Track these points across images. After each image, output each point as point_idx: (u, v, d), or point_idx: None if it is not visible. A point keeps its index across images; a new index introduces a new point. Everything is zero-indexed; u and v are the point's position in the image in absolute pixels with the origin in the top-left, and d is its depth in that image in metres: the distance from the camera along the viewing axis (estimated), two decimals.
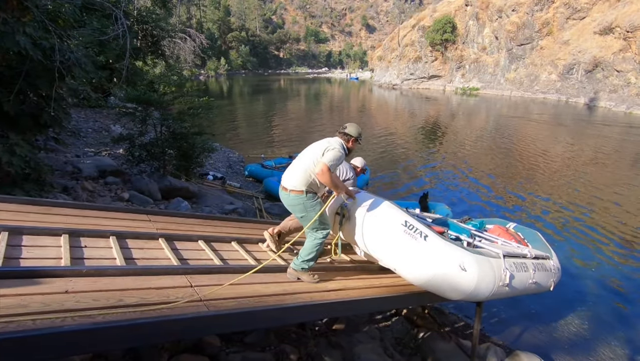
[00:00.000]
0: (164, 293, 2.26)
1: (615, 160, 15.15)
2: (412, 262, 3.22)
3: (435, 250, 3.16)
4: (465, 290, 3.25)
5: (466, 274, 3.17)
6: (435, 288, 3.32)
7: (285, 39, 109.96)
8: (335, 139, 3.39)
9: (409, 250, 3.20)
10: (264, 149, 16.02)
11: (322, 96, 46.21)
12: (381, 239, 3.35)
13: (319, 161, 3.05)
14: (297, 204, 3.13)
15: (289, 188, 3.16)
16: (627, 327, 5.73)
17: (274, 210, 9.52)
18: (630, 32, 27.89)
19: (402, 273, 3.43)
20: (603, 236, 8.49)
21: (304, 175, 3.12)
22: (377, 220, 3.37)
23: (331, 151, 3.10)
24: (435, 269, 3.15)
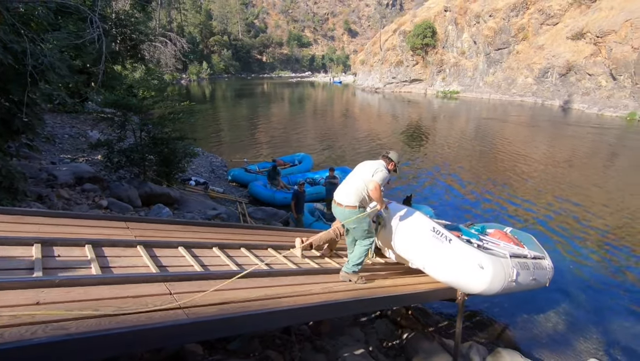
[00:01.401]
0: (142, 301, 2.21)
1: (589, 161, 15.72)
2: (440, 262, 3.86)
3: (458, 252, 3.79)
4: (483, 285, 3.83)
5: (484, 271, 3.75)
6: (458, 284, 3.98)
7: (268, 43, 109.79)
8: (380, 161, 3.95)
9: (437, 252, 3.82)
10: (247, 153, 15.91)
11: (306, 99, 46.32)
12: (413, 243, 3.97)
13: (371, 180, 3.67)
14: (349, 216, 3.68)
15: (344, 204, 3.70)
16: (602, 320, 5.92)
17: (258, 215, 9.46)
18: (600, 37, 29.10)
19: (430, 271, 4.04)
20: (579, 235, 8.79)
21: (357, 193, 3.68)
22: (410, 227, 4.00)
23: (380, 172, 3.73)
24: (458, 267, 3.79)
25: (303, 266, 3.72)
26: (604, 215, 9.77)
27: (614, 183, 12.56)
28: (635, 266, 7.39)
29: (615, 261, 7.62)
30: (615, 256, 7.80)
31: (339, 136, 21.17)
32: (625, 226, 9.13)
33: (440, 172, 13.64)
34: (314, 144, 18.84)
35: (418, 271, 4.87)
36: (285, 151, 16.08)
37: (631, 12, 27.54)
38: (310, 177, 11.63)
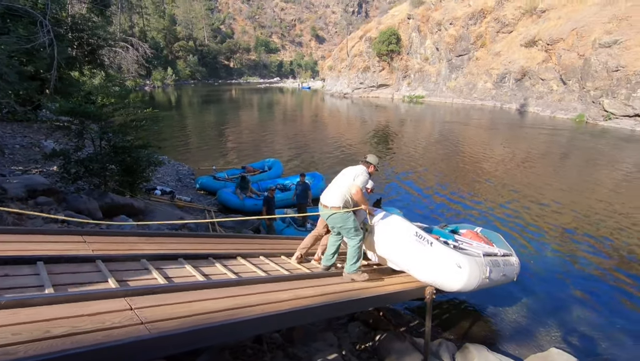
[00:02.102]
0: (99, 319, 2.09)
1: (543, 161, 16.68)
2: (423, 264, 4.19)
3: (439, 254, 4.15)
4: (461, 283, 4.17)
5: (461, 271, 4.11)
6: (439, 283, 4.29)
7: (235, 49, 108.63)
8: (360, 166, 4.24)
9: (420, 255, 4.14)
10: (215, 160, 15.60)
11: (275, 105, 46.16)
12: (397, 246, 4.25)
13: (353, 184, 4.00)
14: (337, 218, 4.03)
15: (329, 206, 4.06)
16: (561, 311, 6.27)
17: (227, 223, 9.27)
18: (550, 45, 31.14)
19: (413, 272, 4.38)
20: (538, 231, 9.28)
21: (341, 196, 4.04)
22: (394, 232, 4.26)
23: (360, 176, 4.06)
24: (440, 268, 4.13)
25: (273, 274, 3.68)
26: (559, 212, 10.39)
27: (565, 181, 13.39)
28: (588, 258, 7.89)
29: (569, 254, 8.11)
30: (569, 249, 8.30)
31: (310, 141, 21.24)
32: (577, 221, 9.76)
33: (408, 175, 13.99)
34: (284, 149, 18.79)
35: (390, 272, 4.96)
36: (255, 157, 15.91)
37: (576, 22, 29.70)
38: (281, 183, 11.57)
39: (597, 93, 26.22)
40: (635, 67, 23.66)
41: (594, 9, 29.53)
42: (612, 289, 6.81)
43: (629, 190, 12.22)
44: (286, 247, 5.15)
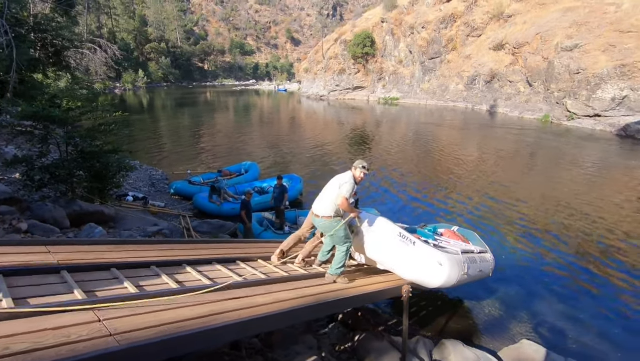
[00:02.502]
0: (64, 332, 1.99)
1: (512, 160, 17.35)
2: (406, 262, 4.41)
3: (421, 252, 4.37)
4: (442, 280, 4.38)
5: (442, 268, 4.32)
6: (421, 280, 4.49)
7: (209, 51, 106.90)
8: (347, 173, 4.33)
9: (403, 254, 4.37)
10: (190, 165, 15.25)
11: (251, 107, 45.74)
12: (383, 247, 4.47)
13: (339, 194, 4.14)
14: (327, 225, 4.23)
15: (320, 215, 4.25)
16: (531, 304, 6.52)
17: (203, 228, 9.08)
18: (517, 48, 32.49)
19: (398, 271, 4.60)
20: (508, 228, 9.62)
21: (331, 205, 4.20)
22: (379, 233, 4.48)
23: (345, 185, 4.16)
24: (422, 266, 4.35)
25: (249, 278, 3.63)
26: (527, 209, 10.82)
27: (533, 179, 13.98)
28: (554, 253, 8.26)
29: (538, 249, 8.45)
30: (538, 244, 8.65)
31: (287, 144, 21.17)
32: (544, 217, 10.19)
33: (385, 176, 14.18)
34: (261, 152, 18.63)
35: (368, 273, 5.01)
36: (232, 161, 15.70)
37: (540, 27, 31.13)
38: (258, 186, 11.46)
39: (561, 94, 27.54)
40: (594, 69, 25.02)
41: (556, 15, 31.03)
42: (577, 282, 7.15)
43: (590, 187, 12.88)
44: (264, 251, 5.10)
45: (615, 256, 7.97)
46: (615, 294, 6.68)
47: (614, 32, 25.63)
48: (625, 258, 7.88)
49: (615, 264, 7.67)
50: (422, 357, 4.83)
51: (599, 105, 24.47)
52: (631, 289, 6.83)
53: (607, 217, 9.96)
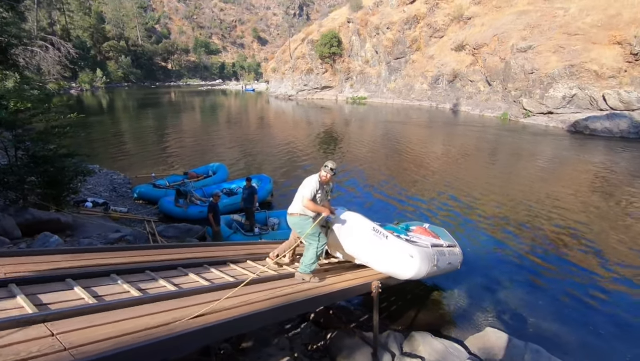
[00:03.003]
0: (12, 350, 1.85)
1: (475, 156, 18.11)
2: (380, 256, 4.60)
3: (394, 245, 4.59)
4: (413, 271, 4.58)
5: (413, 260, 4.55)
6: (394, 272, 4.69)
7: (172, 50, 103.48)
8: (311, 176, 4.50)
9: (377, 248, 4.56)
10: (155, 167, 14.72)
11: (219, 108, 44.76)
12: (358, 241, 4.64)
13: (302, 195, 4.36)
14: (295, 223, 4.50)
15: (290, 212, 4.54)
16: (495, 293, 6.83)
17: (170, 232, 8.78)
18: (476, 49, 33.94)
19: (373, 264, 4.78)
20: (473, 222, 10.03)
21: (298, 204, 4.44)
22: (354, 228, 4.67)
23: (307, 187, 4.37)
24: (395, 258, 4.56)
25: (217, 282, 3.55)
26: (490, 203, 11.33)
27: (494, 174, 14.66)
28: (517, 243, 8.70)
29: (500, 241, 8.87)
30: (500, 237, 9.08)
31: (256, 144, 20.91)
32: (505, 210, 10.72)
33: (353, 174, 14.35)
34: (230, 153, 18.29)
35: (339, 270, 5.04)
36: (199, 162, 15.30)
37: (497, 29, 32.68)
38: (227, 188, 11.24)
39: (517, 93, 29.05)
40: (546, 69, 26.60)
41: (511, 18, 32.70)
42: (535, 271, 7.57)
43: (546, 181, 13.68)
44: (233, 253, 5.01)
45: (571, 246, 8.51)
46: (570, 281, 7.13)
47: (563, 35, 27.37)
48: (580, 247, 8.43)
49: (571, 253, 8.19)
50: (393, 351, 4.93)
51: (551, 103, 26.04)
52: (584, 275, 7.32)
53: (562, 209, 10.61)
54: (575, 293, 6.74)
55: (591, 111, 24.05)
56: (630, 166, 15.28)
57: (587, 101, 24.39)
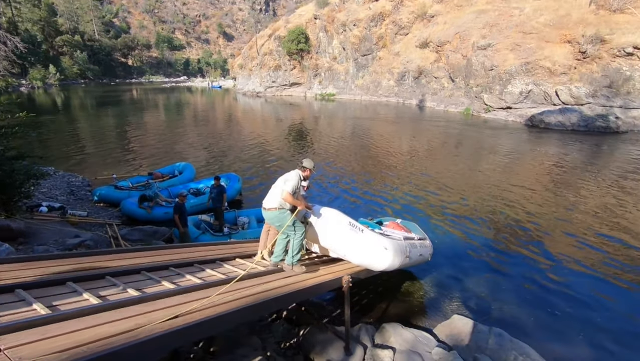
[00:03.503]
0: None
1: (441, 150, 18.69)
2: (356, 248, 4.78)
3: (369, 238, 4.80)
4: (387, 262, 4.82)
5: (387, 252, 4.79)
6: (369, 264, 4.91)
7: (133, 45, 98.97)
8: (295, 171, 4.71)
9: (354, 241, 4.74)
10: (116, 168, 14.06)
11: (184, 106, 43.37)
12: (335, 235, 4.81)
13: (283, 189, 4.46)
14: (274, 217, 4.59)
15: (267, 208, 4.62)
16: (461, 282, 7.09)
17: (134, 236, 8.44)
18: (439, 46, 34.99)
19: (350, 257, 4.98)
20: (439, 215, 10.35)
21: (276, 199, 4.54)
22: (331, 223, 4.83)
23: (290, 181, 4.50)
24: (370, 251, 4.77)
25: (183, 284, 3.44)
26: (456, 196, 11.75)
27: (459, 168, 15.21)
28: (481, 234, 9.09)
29: (467, 232, 9.22)
30: (466, 228, 9.44)
31: (224, 142, 20.47)
32: (471, 202, 11.16)
33: (323, 170, 14.39)
34: (197, 152, 17.80)
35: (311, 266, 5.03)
36: (164, 162, 14.78)
37: (458, 27, 33.82)
38: (194, 188, 10.93)
39: (478, 89, 30.27)
40: (504, 66, 27.88)
41: (471, 16, 33.94)
42: (498, 259, 7.94)
43: (506, 173, 14.37)
44: (200, 254, 4.88)
45: (528, 234, 9.00)
46: (528, 267, 7.54)
47: (519, 33, 28.77)
48: (536, 235, 8.93)
49: (529, 241, 8.67)
50: (365, 343, 5.01)
51: (510, 98, 27.34)
52: (541, 261, 7.77)
53: (521, 200, 11.19)
54: (533, 278, 7.14)
55: (546, 105, 25.49)
56: (580, 157, 16.37)
57: (542, 96, 25.83)
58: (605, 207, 10.49)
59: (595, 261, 7.67)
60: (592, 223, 9.48)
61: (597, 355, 5.26)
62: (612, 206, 10.53)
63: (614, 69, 23.57)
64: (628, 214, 10.01)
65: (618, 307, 6.28)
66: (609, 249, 8.16)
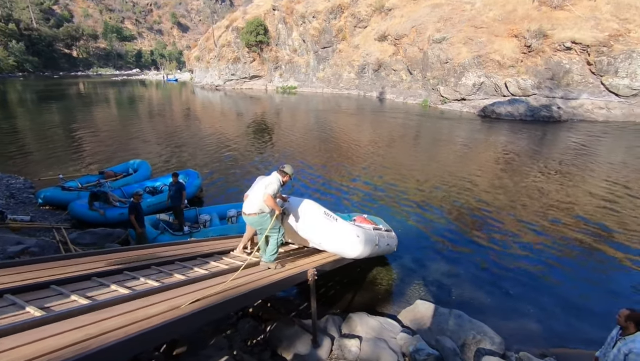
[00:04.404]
0: None
1: (401, 142, 19.19)
2: (331, 237, 5.10)
3: (343, 227, 5.16)
4: (359, 250, 5.24)
5: (359, 239, 5.20)
6: (343, 251, 5.25)
7: (77, 35, 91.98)
8: (275, 175, 4.89)
9: (329, 230, 5.08)
10: (63, 168, 13.07)
11: (138, 100, 41.08)
12: (311, 225, 5.10)
13: (264, 192, 4.65)
14: (255, 222, 4.82)
15: (247, 213, 4.81)
16: (423, 268, 7.35)
17: (86, 239, 7.91)
18: (397, 40, 35.72)
19: (326, 245, 5.25)
20: (403, 206, 10.64)
21: (258, 203, 4.73)
22: (308, 213, 5.12)
23: (272, 185, 4.71)
24: (344, 239, 5.12)
25: (139, 288, 3.25)
26: (416, 187, 12.12)
27: (419, 159, 15.71)
28: (441, 222, 9.46)
29: (427, 221, 9.56)
30: (427, 217, 9.78)
31: (182, 138, 19.66)
32: (431, 193, 11.57)
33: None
34: (153, 148, 16.96)
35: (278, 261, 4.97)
36: (117, 160, 13.94)
37: (415, 20, 34.68)
38: (150, 186, 10.42)
39: (435, 81, 31.32)
40: (458, 59, 29.02)
41: (426, 10, 34.92)
42: (456, 245, 8.31)
43: (463, 162, 15.05)
44: (158, 255, 4.66)
45: (485, 221, 9.49)
46: (484, 251, 7.97)
47: (471, 28, 30.03)
48: (492, 221, 9.44)
49: (483, 226, 9.15)
50: (332, 334, 5.06)
51: (464, 90, 28.56)
52: (495, 245, 8.24)
53: (476, 188, 11.76)
54: (489, 261, 7.56)
55: (496, 97, 26.91)
56: (527, 145, 17.48)
57: (493, 88, 27.23)
58: (549, 192, 11.30)
59: (542, 243, 8.26)
60: (538, 207, 10.18)
61: (545, 327, 5.69)
62: (555, 191, 11.36)
63: (555, 62, 25.32)
64: (568, 197, 10.85)
65: (562, 282, 6.81)
66: (553, 230, 8.81)
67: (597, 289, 6.61)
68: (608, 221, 9.21)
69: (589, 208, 10.09)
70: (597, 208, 10.09)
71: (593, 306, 6.12)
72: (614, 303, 5.91)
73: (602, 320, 5.44)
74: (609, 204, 10.30)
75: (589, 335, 5.37)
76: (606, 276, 7.02)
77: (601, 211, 9.87)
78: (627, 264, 7.39)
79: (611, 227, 8.93)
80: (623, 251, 7.84)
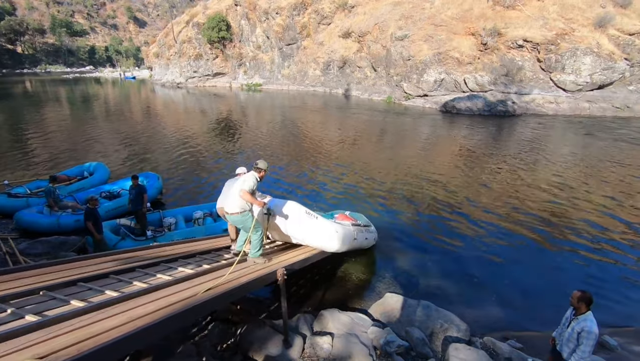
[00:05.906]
0: None
1: (368, 137, 19.45)
2: (313, 233, 5.56)
3: (323, 224, 5.60)
4: (338, 244, 5.65)
5: (338, 235, 5.63)
6: (324, 246, 5.67)
7: (21, 30, 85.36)
8: (251, 173, 5.02)
9: (311, 227, 5.53)
10: (8, 173, 12.08)
11: (93, 99, 38.77)
12: (294, 223, 5.54)
13: (241, 189, 4.82)
14: (237, 220, 4.99)
15: (229, 212, 4.98)
16: (392, 262, 7.49)
17: (37, 249, 7.36)
18: (361, 37, 36.13)
19: (308, 241, 5.71)
20: (375, 201, 10.78)
21: (237, 202, 4.90)
22: (291, 212, 5.56)
23: (247, 182, 4.85)
24: (324, 235, 5.56)
25: (95, 300, 3.05)
26: (384, 181, 12.33)
27: (386, 155, 16.00)
28: (409, 215, 9.67)
29: (396, 214, 9.75)
30: (396, 211, 9.98)
31: (143, 138, 18.78)
32: (400, 187, 11.81)
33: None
34: (110, 150, 16.08)
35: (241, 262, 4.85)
36: (71, 163, 13.10)
37: (377, 18, 35.22)
38: (107, 190, 9.86)
39: (398, 78, 32.02)
40: (420, 57, 29.83)
41: (388, 8, 35.55)
42: (425, 237, 8.55)
43: (428, 157, 15.50)
44: (117, 263, 4.40)
45: (449, 212, 9.82)
46: (450, 242, 8.24)
47: (431, 25, 30.93)
48: (456, 213, 9.79)
49: (450, 218, 9.46)
50: (304, 333, 5.03)
51: (426, 87, 29.42)
52: (460, 235, 8.55)
53: (440, 181, 12.15)
54: (454, 251, 7.83)
55: (456, 93, 27.95)
56: (486, 139, 18.31)
57: (453, 84, 28.24)
58: (507, 182, 11.90)
59: (502, 233, 8.68)
60: (498, 196, 10.69)
61: (506, 312, 5.98)
62: (512, 180, 11.99)
63: (509, 59, 26.67)
64: (524, 187, 11.48)
65: (521, 270, 7.19)
66: (510, 220, 9.28)
67: (551, 274, 7.04)
68: (559, 210, 9.85)
69: (543, 196, 10.73)
70: (549, 196, 10.75)
71: (548, 290, 6.51)
72: (567, 286, 6.31)
73: (557, 302, 5.80)
74: (560, 192, 11.01)
75: (546, 317, 5.70)
76: (559, 262, 7.49)
77: (552, 200, 10.52)
78: (577, 250, 7.93)
79: (562, 215, 9.55)
80: (574, 237, 8.41)
